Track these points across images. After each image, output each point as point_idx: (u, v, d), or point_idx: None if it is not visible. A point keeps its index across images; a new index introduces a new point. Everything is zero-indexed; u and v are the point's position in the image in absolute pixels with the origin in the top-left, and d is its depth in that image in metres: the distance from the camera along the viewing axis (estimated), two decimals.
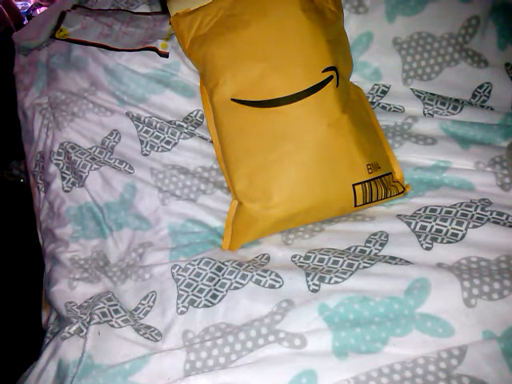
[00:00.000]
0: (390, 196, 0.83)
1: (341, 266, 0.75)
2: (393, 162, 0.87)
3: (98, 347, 0.72)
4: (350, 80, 0.92)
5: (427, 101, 0.92)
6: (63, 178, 0.94)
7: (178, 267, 0.81)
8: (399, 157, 0.88)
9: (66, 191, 0.94)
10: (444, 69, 0.93)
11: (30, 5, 1.77)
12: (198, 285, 0.78)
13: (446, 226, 0.77)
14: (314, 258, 0.78)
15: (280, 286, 0.75)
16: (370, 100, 0.95)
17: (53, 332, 0.81)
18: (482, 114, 0.90)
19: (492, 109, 0.92)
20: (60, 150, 0.96)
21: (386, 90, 0.95)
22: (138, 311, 0.79)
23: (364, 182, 0.80)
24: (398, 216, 0.81)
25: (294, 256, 0.80)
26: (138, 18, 1.03)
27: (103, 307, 0.77)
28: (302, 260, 0.79)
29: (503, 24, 0.93)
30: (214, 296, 0.76)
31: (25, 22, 1.58)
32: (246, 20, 0.83)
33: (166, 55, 0.97)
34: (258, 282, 0.76)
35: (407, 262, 0.74)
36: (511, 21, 0.94)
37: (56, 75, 1.02)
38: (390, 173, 0.85)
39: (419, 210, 0.82)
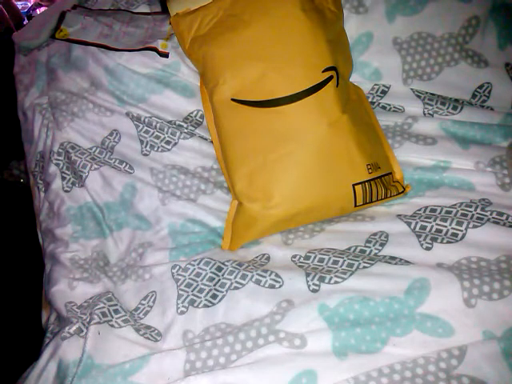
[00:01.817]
0: (390, 196, 0.83)
1: (341, 266, 0.75)
2: (393, 162, 0.87)
3: (98, 347, 0.72)
4: (350, 80, 0.93)
5: (427, 101, 0.92)
6: (63, 178, 0.94)
7: (178, 267, 0.81)
8: (399, 157, 0.88)
9: (66, 191, 0.94)
10: (444, 69, 0.93)
11: (29, 5, 1.77)
12: (198, 285, 0.78)
13: (446, 226, 0.77)
14: (314, 257, 0.78)
15: (280, 286, 0.75)
16: (370, 100, 0.95)
17: (53, 332, 0.81)
18: (482, 114, 0.90)
19: (492, 109, 0.92)
20: (60, 150, 0.96)
21: (386, 90, 0.95)
22: (138, 311, 0.79)
23: (364, 182, 0.80)
24: (398, 216, 0.81)
25: (294, 256, 0.80)
26: (137, 18, 1.03)
27: (103, 307, 0.77)
28: (302, 260, 0.78)
29: (503, 24, 0.93)
30: (214, 296, 0.76)
31: (25, 22, 1.58)
32: (246, 20, 0.83)
33: (166, 55, 0.97)
34: (258, 282, 0.76)
35: (407, 262, 0.74)
36: (511, 21, 0.94)
37: (56, 75, 1.02)
38: (390, 173, 0.85)
39: (419, 210, 0.82)
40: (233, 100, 0.83)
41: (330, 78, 0.81)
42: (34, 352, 0.80)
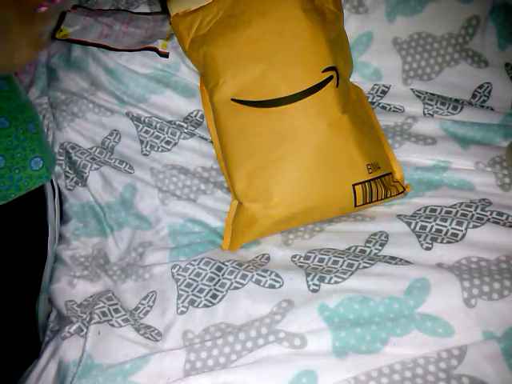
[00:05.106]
0: (390, 196, 0.83)
1: (341, 266, 0.75)
2: (393, 162, 0.87)
3: (98, 347, 0.72)
4: (350, 80, 0.92)
5: (427, 101, 0.92)
6: (66, 177, 0.95)
7: (178, 267, 0.81)
8: (399, 157, 0.88)
9: (69, 189, 0.94)
10: (444, 69, 0.93)
11: None
12: (198, 285, 0.78)
13: (445, 226, 0.77)
14: (314, 257, 0.78)
15: (280, 286, 0.75)
16: (370, 100, 0.95)
17: (53, 330, 0.82)
18: (482, 114, 0.90)
19: (492, 109, 0.92)
20: (60, 150, 0.96)
21: (386, 90, 0.95)
22: (138, 311, 0.79)
23: (364, 182, 0.80)
24: (398, 216, 0.81)
25: (294, 256, 0.80)
26: (137, 18, 1.03)
27: (103, 306, 0.77)
28: (302, 260, 0.79)
29: (503, 24, 0.93)
30: (214, 296, 0.76)
31: None
32: (247, 20, 0.83)
33: (166, 55, 0.97)
34: (258, 282, 0.76)
35: (407, 262, 0.74)
36: (511, 21, 0.94)
37: (56, 75, 1.02)
38: (390, 173, 0.85)
39: (419, 210, 0.82)
40: (233, 100, 0.83)
41: (330, 78, 0.81)
42: (33, 352, 0.80)
